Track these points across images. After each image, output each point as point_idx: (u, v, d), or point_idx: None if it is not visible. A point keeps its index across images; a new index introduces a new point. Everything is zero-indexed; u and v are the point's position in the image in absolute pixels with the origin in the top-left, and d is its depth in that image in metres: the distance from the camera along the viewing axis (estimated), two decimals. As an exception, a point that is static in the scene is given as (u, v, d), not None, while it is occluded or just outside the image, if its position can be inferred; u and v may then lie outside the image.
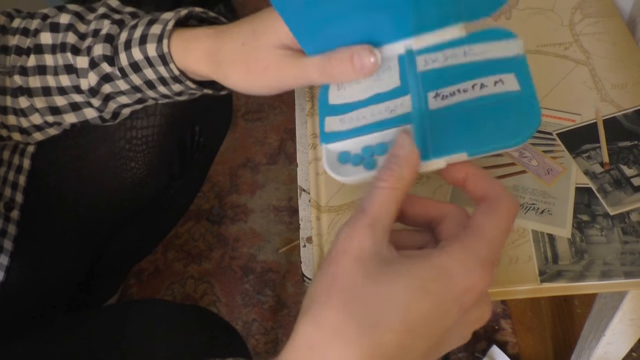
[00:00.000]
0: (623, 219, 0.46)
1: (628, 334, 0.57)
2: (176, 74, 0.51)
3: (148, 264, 1.17)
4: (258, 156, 1.31)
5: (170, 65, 0.50)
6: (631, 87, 0.54)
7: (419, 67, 0.45)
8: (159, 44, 0.49)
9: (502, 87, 0.42)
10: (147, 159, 0.69)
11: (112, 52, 0.52)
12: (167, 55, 0.49)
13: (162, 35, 0.50)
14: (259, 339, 1.07)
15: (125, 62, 0.51)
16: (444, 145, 0.41)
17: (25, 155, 0.68)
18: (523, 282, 0.43)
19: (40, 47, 0.54)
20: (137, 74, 0.52)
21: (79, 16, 0.54)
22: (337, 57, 0.45)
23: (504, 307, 1.07)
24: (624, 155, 0.49)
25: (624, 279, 0.43)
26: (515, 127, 0.40)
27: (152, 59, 0.50)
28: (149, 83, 0.52)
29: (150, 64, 0.50)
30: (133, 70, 0.51)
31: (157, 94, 0.53)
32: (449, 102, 0.42)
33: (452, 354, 1.03)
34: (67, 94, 0.55)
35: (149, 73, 0.51)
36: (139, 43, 0.50)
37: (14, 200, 0.67)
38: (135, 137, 0.68)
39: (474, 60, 0.44)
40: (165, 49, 0.49)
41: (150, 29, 0.50)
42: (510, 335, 1.04)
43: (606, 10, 0.60)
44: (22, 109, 0.56)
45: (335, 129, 0.46)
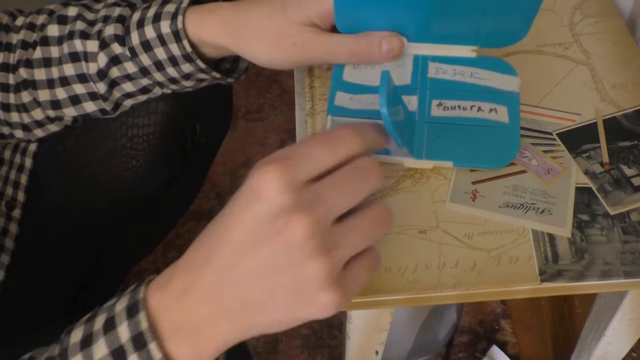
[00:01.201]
0: (623, 219, 0.46)
1: (628, 334, 0.57)
2: (188, 51, 0.51)
3: (148, 264, 1.17)
4: (258, 156, 1.31)
5: (183, 42, 0.50)
6: (631, 87, 0.54)
7: (429, 72, 0.52)
8: (173, 20, 0.50)
9: (495, 116, 0.49)
10: (148, 157, 0.69)
11: (123, 32, 0.52)
12: (181, 31, 0.50)
13: (176, 12, 0.50)
14: (259, 339, 1.07)
15: (137, 41, 0.51)
16: (436, 150, 0.48)
17: (27, 154, 0.68)
18: (523, 282, 0.43)
19: (46, 39, 0.54)
20: (147, 53, 0.52)
21: (86, 7, 0.55)
22: (367, 40, 0.49)
23: (504, 307, 1.07)
24: (624, 155, 0.49)
25: (624, 279, 0.43)
26: (497, 154, 0.48)
27: (166, 35, 0.50)
28: (158, 64, 0.52)
29: (163, 42, 0.51)
30: (144, 49, 0.51)
31: (165, 76, 0.54)
32: (448, 114, 0.49)
33: (452, 354, 1.03)
34: (69, 84, 0.55)
35: (160, 52, 0.51)
36: (152, 21, 0.51)
37: (16, 199, 0.67)
38: (136, 135, 0.68)
39: (478, 84, 0.51)
40: (180, 24, 0.49)
41: (165, 7, 0.51)
42: (510, 335, 1.04)
43: (606, 10, 0.60)
44: (24, 104, 0.56)
45: (344, 105, 0.50)
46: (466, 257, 0.44)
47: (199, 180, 0.88)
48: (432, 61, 0.52)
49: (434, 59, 0.52)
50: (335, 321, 1.07)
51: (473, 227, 0.46)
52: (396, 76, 0.52)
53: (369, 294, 0.43)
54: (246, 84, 1.42)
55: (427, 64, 0.52)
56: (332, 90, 0.51)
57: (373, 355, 0.56)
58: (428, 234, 0.46)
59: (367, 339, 0.54)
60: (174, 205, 0.86)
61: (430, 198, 0.48)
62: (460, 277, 0.44)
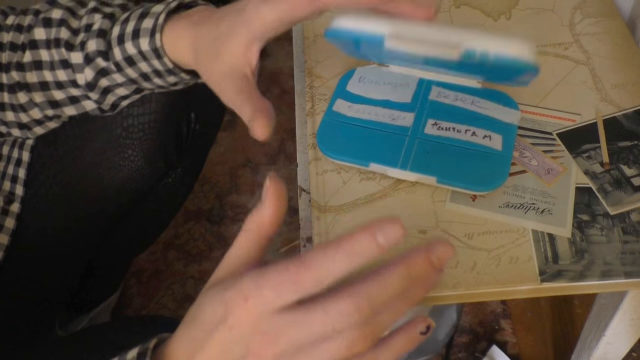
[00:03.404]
0: (623, 219, 0.46)
1: (628, 334, 0.57)
2: (170, 67, 0.51)
3: (148, 264, 1.17)
4: (258, 156, 1.31)
5: (163, 59, 0.50)
6: (631, 87, 0.54)
7: (431, 95, 0.53)
8: (151, 38, 0.50)
9: (488, 142, 0.49)
10: (144, 146, 0.69)
11: (105, 47, 0.52)
12: (160, 49, 0.49)
13: (154, 29, 0.50)
14: (259, 339, 1.07)
15: (120, 57, 0.51)
16: (422, 165, 0.48)
17: (24, 148, 0.68)
18: (523, 282, 0.43)
19: (35, 42, 0.54)
20: (132, 67, 0.52)
21: (70, 11, 0.54)
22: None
23: (504, 307, 1.07)
24: (624, 155, 0.49)
25: (624, 279, 0.43)
26: (483, 178, 0.47)
27: (146, 52, 0.50)
28: (144, 75, 0.52)
29: (144, 58, 0.51)
30: (128, 64, 0.51)
31: (153, 85, 0.54)
32: (442, 134, 0.50)
33: (452, 354, 1.03)
34: (64, 88, 0.55)
35: (144, 66, 0.51)
36: (131, 37, 0.50)
37: (14, 193, 0.67)
38: (132, 124, 0.68)
39: (477, 111, 0.51)
40: (158, 43, 0.49)
41: (142, 22, 0.50)
42: (510, 335, 1.04)
43: (606, 10, 0.60)
44: (21, 104, 0.56)
45: (341, 111, 0.53)
46: (466, 257, 0.44)
47: (195, 170, 0.88)
48: (436, 85, 0.54)
49: (438, 84, 0.54)
50: (335, 321, 1.07)
51: (473, 227, 0.46)
52: (397, 95, 0.53)
53: (369, 294, 0.43)
54: (246, 84, 1.42)
55: (430, 88, 0.54)
56: (334, 97, 0.54)
57: (373, 355, 0.56)
58: (428, 234, 0.46)
59: (367, 339, 0.54)
60: (171, 195, 0.85)
61: (430, 198, 0.48)
62: (461, 277, 0.44)
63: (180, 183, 0.84)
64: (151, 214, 0.86)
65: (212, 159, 1.31)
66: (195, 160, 0.85)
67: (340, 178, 0.49)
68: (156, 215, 0.89)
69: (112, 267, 0.99)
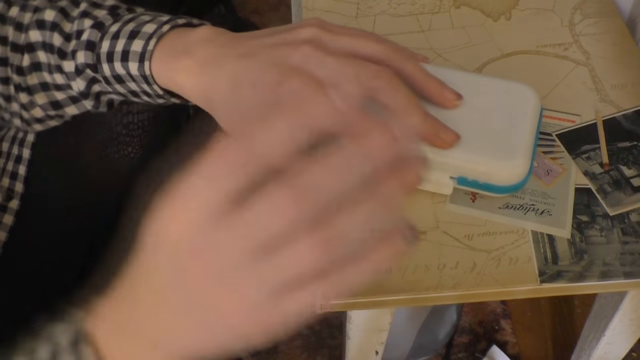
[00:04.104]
0: (623, 220, 0.46)
1: (628, 334, 0.57)
2: (160, 94, 0.50)
3: (148, 264, 1.17)
4: (258, 156, 1.31)
5: (153, 86, 0.49)
6: (631, 87, 0.54)
7: None
8: (140, 64, 0.48)
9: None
10: (143, 143, 0.69)
11: (94, 60, 0.51)
12: (150, 77, 0.48)
13: (143, 55, 0.48)
14: (259, 339, 1.07)
15: (108, 73, 0.50)
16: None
17: (25, 145, 0.68)
18: (523, 283, 0.43)
19: (32, 45, 0.53)
20: (121, 84, 0.51)
21: (63, 12, 0.53)
22: None
23: (504, 307, 1.07)
24: (623, 156, 0.49)
25: (623, 279, 0.43)
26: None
27: (135, 76, 0.49)
28: (133, 93, 0.52)
29: (133, 80, 0.50)
30: (116, 80, 0.51)
31: (141, 100, 0.53)
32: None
33: (452, 354, 1.03)
34: (64, 89, 0.55)
35: (133, 86, 0.50)
36: (120, 59, 0.49)
37: (13, 190, 0.67)
38: (131, 122, 0.68)
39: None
40: (147, 71, 0.48)
41: (132, 44, 0.49)
42: (510, 335, 1.04)
43: (606, 10, 0.60)
44: (23, 104, 0.56)
45: None
46: (466, 258, 0.44)
47: None
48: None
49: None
50: (335, 321, 1.07)
51: (473, 228, 0.46)
52: None
53: (369, 294, 0.43)
54: (246, 84, 1.42)
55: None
56: None
57: (373, 355, 0.56)
58: (428, 235, 0.46)
59: (367, 339, 0.54)
60: None
61: (430, 199, 0.48)
62: (460, 277, 0.44)
63: None
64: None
65: (212, 159, 1.31)
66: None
67: (340, 179, 0.49)
68: None
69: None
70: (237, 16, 1.48)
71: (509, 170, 0.45)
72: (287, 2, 1.43)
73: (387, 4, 0.62)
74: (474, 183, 0.46)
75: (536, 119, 0.47)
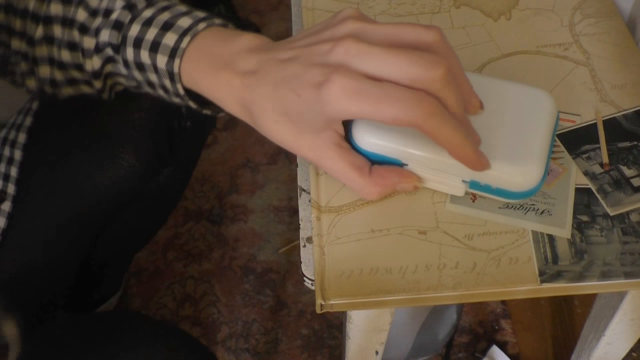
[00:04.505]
0: (623, 220, 0.46)
1: (628, 334, 0.57)
2: (180, 94, 0.48)
3: (148, 264, 1.17)
4: (258, 156, 1.31)
5: (177, 85, 0.48)
6: (631, 87, 0.54)
7: None
8: (170, 59, 0.47)
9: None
10: (136, 144, 0.69)
11: (118, 41, 0.49)
12: (176, 75, 0.47)
13: (175, 50, 0.47)
14: (259, 339, 1.07)
15: (131, 58, 0.49)
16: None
17: (16, 147, 0.68)
18: (523, 283, 0.44)
19: (50, 18, 0.52)
20: (140, 72, 0.49)
21: None
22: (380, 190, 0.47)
23: (504, 307, 1.07)
24: (623, 156, 0.49)
25: (624, 279, 0.43)
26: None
27: (160, 70, 0.48)
28: (150, 83, 0.50)
29: (156, 71, 0.48)
30: (137, 68, 0.49)
31: (155, 93, 0.52)
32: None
33: (452, 354, 1.03)
34: (65, 69, 0.53)
35: (152, 77, 0.49)
36: (149, 48, 0.47)
37: (5, 191, 0.67)
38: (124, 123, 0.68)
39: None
40: (176, 68, 0.46)
41: (165, 36, 0.47)
42: (510, 335, 1.04)
43: (606, 10, 0.60)
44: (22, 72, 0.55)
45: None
46: (466, 258, 0.45)
47: (189, 167, 0.87)
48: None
49: None
50: (335, 321, 1.07)
51: (473, 228, 0.46)
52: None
53: (369, 294, 0.43)
54: (246, 84, 1.42)
55: None
56: None
57: (373, 355, 0.56)
58: (428, 235, 0.46)
59: (367, 339, 0.54)
60: (165, 193, 0.85)
61: (431, 199, 0.48)
62: (461, 277, 0.44)
63: (174, 180, 0.84)
64: (146, 212, 0.86)
65: (212, 159, 1.31)
66: (189, 158, 0.85)
67: (340, 179, 0.49)
68: (151, 213, 0.88)
69: (110, 267, 0.98)
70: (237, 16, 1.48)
71: (523, 175, 0.44)
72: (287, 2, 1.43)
73: (387, 4, 0.62)
74: (486, 187, 0.46)
75: (552, 124, 0.47)
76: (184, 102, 0.51)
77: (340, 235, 0.46)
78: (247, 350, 1.06)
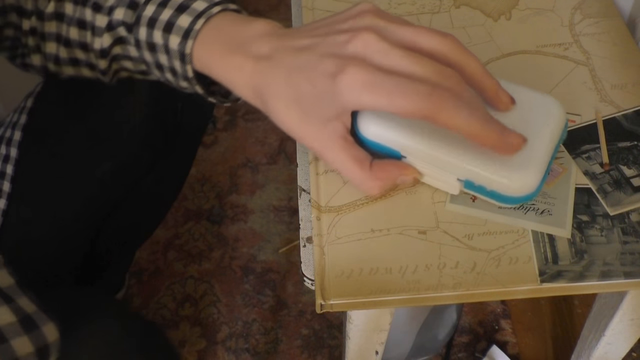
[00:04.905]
0: (623, 219, 0.46)
1: (628, 334, 0.57)
2: (189, 77, 0.49)
3: (148, 264, 1.17)
4: (258, 156, 1.31)
5: (187, 66, 0.48)
6: (631, 87, 0.54)
7: None
8: (183, 40, 0.47)
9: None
10: (130, 139, 0.68)
11: (132, 20, 0.49)
12: (188, 56, 0.47)
13: (188, 32, 0.47)
14: (259, 339, 1.07)
15: (144, 37, 0.49)
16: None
17: (12, 145, 0.67)
18: (523, 283, 0.44)
19: None
20: (151, 53, 0.49)
21: None
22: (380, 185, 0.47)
23: (504, 307, 1.07)
24: (623, 156, 0.49)
25: (624, 279, 0.43)
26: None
27: (172, 50, 0.48)
28: (159, 65, 0.50)
29: (167, 52, 0.48)
30: (148, 48, 0.49)
31: (162, 77, 0.52)
32: None
33: (452, 354, 1.03)
34: (71, 47, 0.53)
35: (163, 59, 0.49)
36: (163, 29, 0.48)
37: (1, 189, 0.67)
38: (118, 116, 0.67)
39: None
40: (188, 49, 0.47)
41: (179, 18, 0.47)
42: (510, 335, 1.04)
43: (606, 10, 0.60)
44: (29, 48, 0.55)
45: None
46: (466, 258, 0.45)
47: (186, 163, 0.87)
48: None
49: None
50: (335, 321, 1.07)
51: (473, 227, 0.46)
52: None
53: (369, 294, 0.43)
54: (246, 84, 1.42)
55: None
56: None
57: (373, 355, 0.56)
58: (428, 235, 0.46)
59: (367, 339, 0.54)
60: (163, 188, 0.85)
61: (431, 199, 0.48)
62: (461, 277, 0.44)
63: (171, 176, 0.83)
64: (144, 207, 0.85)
65: (212, 159, 1.31)
66: (185, 153, 0.84)
67: (341, 178, 0.49)
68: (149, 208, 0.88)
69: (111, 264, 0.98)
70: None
71: (518, 181, 0.44)
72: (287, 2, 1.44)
73: (387, 4, 0.62)
74: (480, 188, 0.46)
75: (558, 134, 0.46)
76: (190, 87, 0.51)
77: (340, 235, 0.46)
78: (247, 350, 1.06)
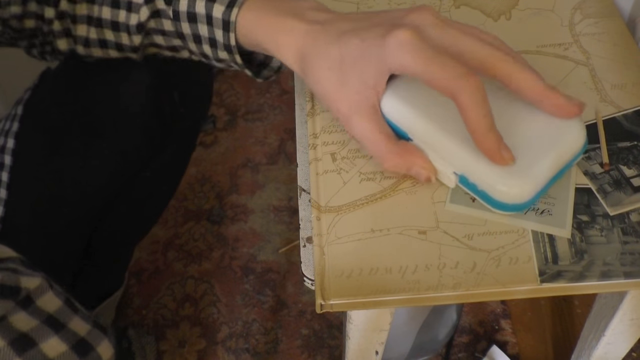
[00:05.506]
0: (623, 220, 0.46)
1: (628, 334, 0.57)
2: (231, 45, 0.49)
3: (148, 264, 1.17)
4: (258, 156, 1.31)
5: (230, 34, 0.48)
6: (631, 87, 0.54)
7: None
8: (228, 9, 0.47)
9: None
10: (126, 130, 0.68)
11: None
12: (232, 24, 0.47)
13: (234, 0, 0.47)
14: (259, 339, 1.07)
15: (184, 8, 0.49)
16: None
17: (5, 152, 0.67)
18: (523, 283, 0.44)
19: None
20: (190, 24, 0.50)
21: None
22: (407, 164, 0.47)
23: (504, 307, 1.07)
24: (623, 156, 0.49)
25: (624, 279, 0.43)
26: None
27: (215, 19, 0.48)
28: (196, 37, 0.50)
29: (209, 23, 0.48)
30: (188, 19, 0.49)
31: (198, 50, 0.52)
32: None
33: (452, 354, 1.03)
34: (101, 27, 0.53)
35: (203, 30, 0.49)
36: None
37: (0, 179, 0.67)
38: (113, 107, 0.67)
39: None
40: (233, 17, 0.47)
41: None
42: (510, 335, 1.04)
43: (606, 10, 0.60)
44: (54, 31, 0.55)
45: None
46: (466, 258, 0.45)
47: (184, 155, 0.86)
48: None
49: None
50: (335, 321, 1.07)
51: (473, 227, 0.46)
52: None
53: (369, 294, 0.43)
54: (246, 84, 1.42)
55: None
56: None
57: (373, 355, 0.56)
58: (428, 235, 0.46)
59: (367, 339, 0.54)
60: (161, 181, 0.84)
61: (431, 199, 0.48)
62: (461, 277, 0.44)
63: (170, 168, 0.83)
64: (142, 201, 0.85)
65: (212, 159, 1.31)
66: (184, 144, 0.84)
67: (341, 178, 0.49)
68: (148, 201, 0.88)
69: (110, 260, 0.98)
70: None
71: (505, 187, 0.44)
72: (287, 2, 1.44)
73: (387, 4, 0.62)
74: (472, 186, 0.46)
75: (569, 155, 0.46)
76: (230, 58, 0.51)
77: (340, 235, 0.46)
78: (247, 350, 1.06)
